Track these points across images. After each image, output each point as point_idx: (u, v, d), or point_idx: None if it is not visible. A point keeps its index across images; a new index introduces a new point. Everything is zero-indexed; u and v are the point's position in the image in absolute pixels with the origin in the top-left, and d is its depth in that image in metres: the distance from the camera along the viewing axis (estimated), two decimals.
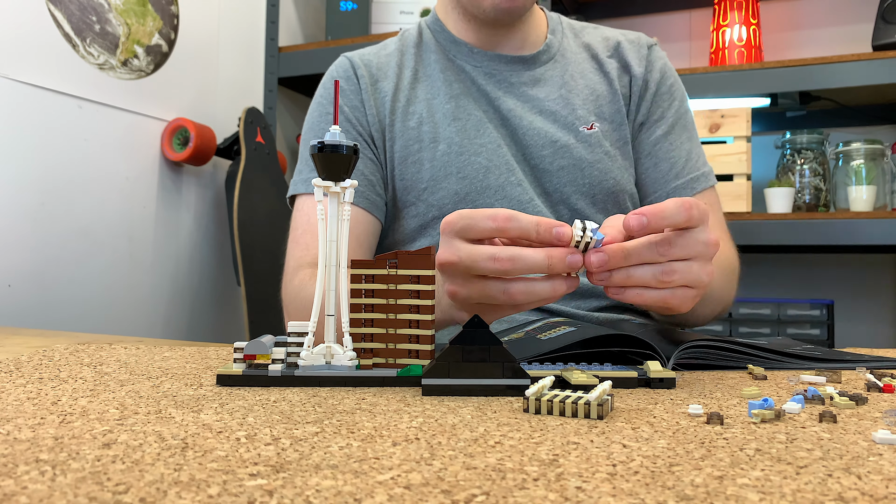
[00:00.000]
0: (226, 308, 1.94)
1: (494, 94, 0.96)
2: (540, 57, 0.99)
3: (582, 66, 1.00)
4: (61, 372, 0.57)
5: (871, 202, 1.72)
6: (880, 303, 1.96)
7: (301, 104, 2.27)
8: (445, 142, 0.93)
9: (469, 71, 0.98)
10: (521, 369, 0.50)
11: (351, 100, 0.96)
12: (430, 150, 0.93)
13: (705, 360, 0.64)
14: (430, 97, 0.96)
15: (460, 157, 0.92)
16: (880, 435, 0.38)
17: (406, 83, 0.97)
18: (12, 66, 1.40)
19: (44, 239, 1.47)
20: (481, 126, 0.94)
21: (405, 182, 0.93)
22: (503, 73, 0.97)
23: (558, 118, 0.95)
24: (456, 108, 0.95)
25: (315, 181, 0.54)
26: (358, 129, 0.95)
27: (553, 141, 0.94)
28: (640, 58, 1.00)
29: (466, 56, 0.98)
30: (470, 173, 0.92)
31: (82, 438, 0.36)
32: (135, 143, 1.67)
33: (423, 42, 1.01)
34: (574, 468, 0.32)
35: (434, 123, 0.94)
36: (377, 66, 0.99)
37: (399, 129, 0.95)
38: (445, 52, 0.99)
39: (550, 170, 0.94)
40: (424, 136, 0.94)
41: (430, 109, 0.95)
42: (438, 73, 0.97)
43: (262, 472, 0.31)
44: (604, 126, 0.96)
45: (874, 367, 0.65)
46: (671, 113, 0.99)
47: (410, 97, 0.96)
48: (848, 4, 1.98)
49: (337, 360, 0.53)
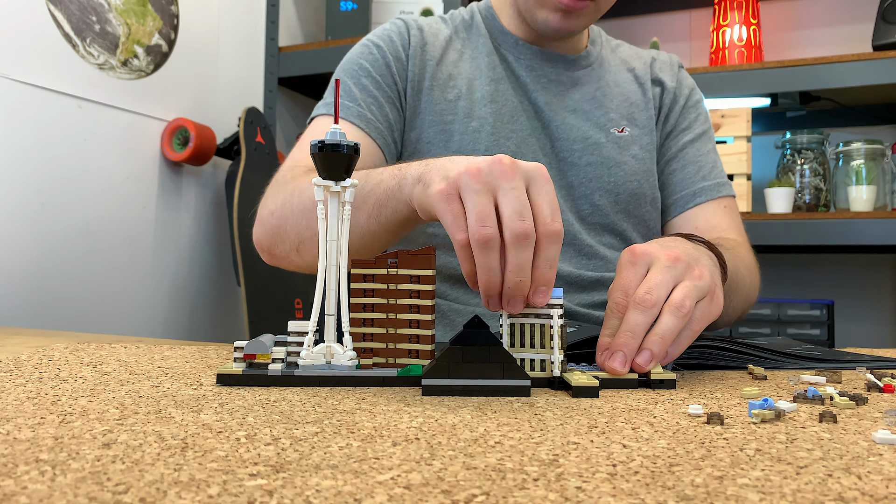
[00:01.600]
0: (226, 308, 1.94)
1: (532, 86, 0.98)
2: (580, 61, 1.02)
3: (618, 76, 1.04)
4: (61, 371, 0.57)
5: (871, 202, 1.72)
6: (880, 303, 1.96)
7: (301, 104, 2.27)
8: (479, 120, 0.94)
9: (511, 61, 0.99)
10: (521, 369, 0.50)
11: (398, 51, 0.97)
12: (462, 124, 0.94)
13: (705, 360, 0.64)
14: (472, 77, 0.97)
15: (491, 136, 0.93)
16: (880, 435, 0.38)
17: (452, 57, 0.99)
18: (12, 66, 1.40)
19: (44, 239, 1.47)
20: (516, 114, 0.96)
21: (430, 146, 0.94)
22: (543, 69, 1.00)
23: (591, 117, 0.98)
24: (494, 91, 0.96)
25: (315, 181, 0.54)
26: (395, 77, 0.95)
27: (584, 137, 0.97)
28: (672, 74, 1.06)
29: (512, 47, 1.00)
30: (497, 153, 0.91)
31: (82, 438, 0.36)
32: (135, 143, 1.67)
33: (474, 24, 1.03)
34: (574, 468, 0.32)
35: (471, 101, 0.95)
36: (430, 31, 1.00)
37: (437, 98, 0.96)
38: (493, 39, 1.01)
39: (578, 164, 0.96)
40: (460, 110, 0.95)
41: (470, 88, 0.96)
42: (484, 56, 0.99)
43: (262, 472, 0.31)
44: (634, 131, 1.00)
45: (874, 368, 0.65)
46: (698, 124, 1.04)
47: (453, 72, 0.98)
48: (848, 4, 1.98)
49: (337, 359, 0.53)
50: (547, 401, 0.48)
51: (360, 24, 2.04)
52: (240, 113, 1.85)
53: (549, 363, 0.54)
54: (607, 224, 0.96)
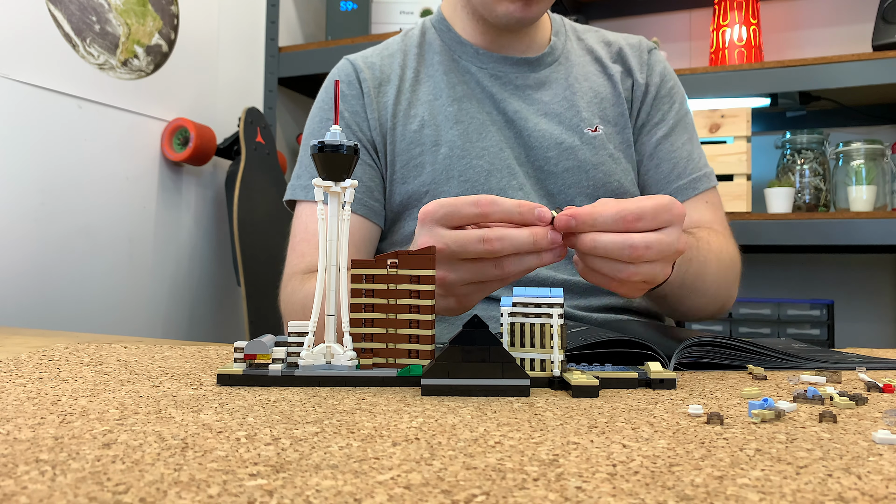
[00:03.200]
0: (226, 308, 1.94)
1: (500, 95, 0.96)
2: (545, 59, 0.99)
3: (586, 68, 1.01)
4: (61, 371, 0.57)
5: (871, 202, 1.72)
6: (880, 303, 1.96)
7: (301, 104, 2.27)
8: (447, 145, 0.93)
9: (474, 72, 0.97)
10: (521, 369, 0.50)
11: (352, 105, 0.96)
12: (432, 154, 0.93)
13: (706, 359, 0.64)
14: (433, 99, 0.96)
15: (462, 160, 0.92)
16: (880, 435, 0.38)
17: (408, 85, 0.97)
18: (12, 66, 1.40)
19: (44, 239, 1.47)
20: (484, 129, 0.94)
21: (406, 186, 0.93)
22: (509, 76, 0.97)
23: (563, 120, 0.96)
24: (458, 110, 0.94)
25: (315, 181, 0.54)
26: (358, 135, 0.95)
27: (558, 143, 0.94)
28: (640, 63, 1.01)
29: (472, 57, 0.98)
30: (472, 177, 0.92)
31: (82, 438, 0.36)
32: (135, 143, 1.67)
33: (427, 42, 1.01)
34: (574, 468, 0.32)
35: (436, 126, 0.94)
36: (380, 68, 0.98)
37: (400, 133, 0.94)
38: (450, 53, 0.99)
39: (555, 171, 0.94)
40: (426, 139, 0.93)
41: (432, 112, 0.95)
42: (441, 75, 0.97)
43: (262, 472, 0.31)
44: (608, 129, 0.97)
45: (873, 369, 0.65)
46: (671, 115, 1.00)
47: (412, 100, 0.96)
48: (848, 4, 1.98)
49: (337, 360, 0.53)
50: (547, 401, 0.48)
51: (360, 24, 2.04)
52: (240, 113, 1.85)
53: (549, 363, 0.54)
54: None
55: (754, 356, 0.65)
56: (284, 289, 0.93)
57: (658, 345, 0.61)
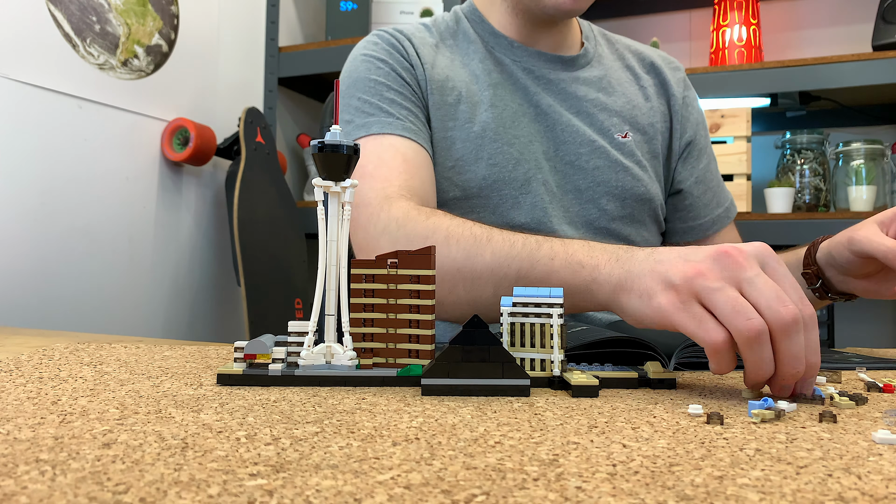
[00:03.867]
0: (226, 308, 1.94)
1: (533, 89, 0.96)
2: (579, 60, 1.00)
3: (618, 74, 1.03)
4: (61, 371, 0.57)
5: (871, 202, 1.72)
6: (880, 303, 1.96)
7: (301, 104, 2.27)
8: (480, 125, 0.92)
9: (508, 64, 0.97)
10: (521, 369, 0.50)
11: (400, 60, 0.93)
12: (464, 130, 0.92)
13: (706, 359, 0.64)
14: (470, 81, 0.95)
15: (494, 143, 0.92)
16: (880, 435, 0.38)
17: (444, 62, 0.96)
18: (12, 66, 1.40)
19: (44, 239, 1.47)
20: (517, 118, 0.94)
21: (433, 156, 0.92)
22: (542, 70, 0.98)
23: (594, 122, 0.97)
24: (494, 95, 0.94)
25: (315, 181, 0.54)
26: (412, 86, 0.92)
27: (591, 140, 0.95)
28: (677, 80, 1.06)
29: (506, 49, 0.98)
30: (500, 161, 0.91)
31: (82, 438, 0.36)
32: (135, 143, 1.67)
33: (461, 29, 1.00)
34: (574, 468, 0.32)
35: (472, 104, 0.93)
36: (417, 39, 0.97)
37: (438, 102, 0.93)
38: (484, 43, 0.99)
39: (586, 168, 0.95)
40: (461, 114, 0.93)
41: (469, 91, 0.94)
42: (478, 62, 0.97)
43: (262, 472, 0.31)
44: (636, 137, 0.99)
45: (873, 369, 0.65)
46: (706, 141, 1.07)
47: (450, 75, 0.95)
48: (848, 4, 1.98)
49: (337, 359, 0.53)
50: (547, 400, 0.48)
51: (360, 24, 2.04)
52: (240, 113, 1.85)
53: (549, 363, 0.54)
54: (612, 229, 0.95)
55: None
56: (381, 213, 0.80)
57: (658, 345, 0.61)
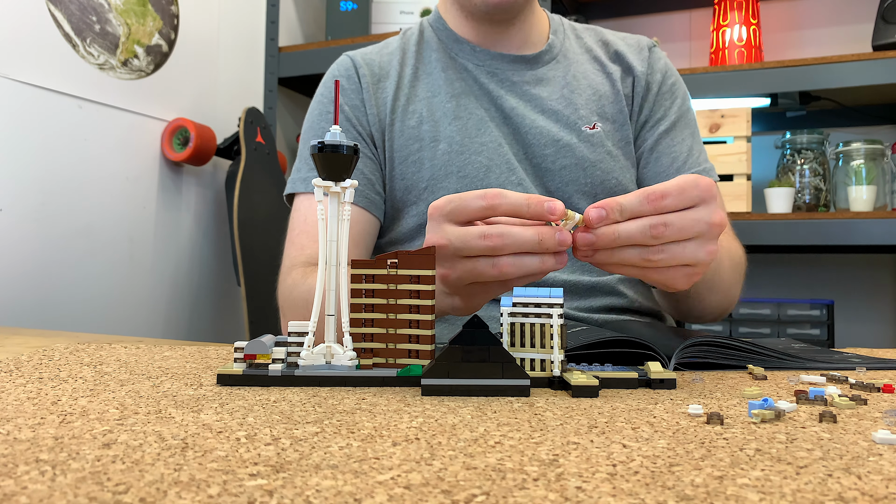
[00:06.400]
0: (226, 308, 1.94)
1: (497, 92, 0.96)
2: (542, 57, 0.99)
3: (584, 66, 1.01)
4: (61, 372, 0.57)
5: (871, 202, 1.72)
6: (880, 303, 1.96)
7: (301, 104, 2.27)
8: (446, 141, 0.93)
9: (471, 69, 0.97)
10: (521, 369, 0.50)
11: (351, 99, 0.96)
12: (431, 150, 0.93)
13: (706, 359, 0.64)
14: (431, 95, 0.96)
15: (461, 156, 0.92)
16: (880, 435, 0.38)
17: (406, 82, 0.97)
18: (12, 66, 1.40)
19: (44, 239, 1.47)
20: (482, 125, 0.94)
21: (405, 181, 0.93)
22: (505, 72, 0.97)
23: (560, 117, 0.96)
24: (457, 106, 0.95)
25: (315, 181, 0.54)
26: (358, 128, 0.95)
27: (556, 140, 0.94)
28: (641, 59, 1.01)
29: (468, 54, 0.98)
30: (470, 172, 0.92)
31: (82, 438, 0.36)
32: (135, 143, 1.67)
33: (425, 40, 1.01)
34: (574, 468, 0.32)
35: (434, 122, 0.94)
36: (379, 65, 0.99)
37: (399, 129, 0.94)
38: (447, 51, 0.99)
39: (553, 169, 0.94)
40: (425, 135, 0.93)
41: (431, 108, 0.95)
42: (440, 72, 0.97)
43: (262, 472, 0.31)
44: (606, 126, 0.97)
45: (873, 369, 0.65)
46: (673, 111, 1.00)
47: (410, 96, 0.96)
48: (848, 4, 1.98)
49: (337, 360, 0.53)
50: (547, 401, 0.48)
51: (360, 24, 2.04)
52: (240, 113, 1.85)
53: (549, 363, 0.54)
54: None
55: (754, 356, 0.65)
56: (283, 282, 0.92)
57: (658, 345, 0.61)
